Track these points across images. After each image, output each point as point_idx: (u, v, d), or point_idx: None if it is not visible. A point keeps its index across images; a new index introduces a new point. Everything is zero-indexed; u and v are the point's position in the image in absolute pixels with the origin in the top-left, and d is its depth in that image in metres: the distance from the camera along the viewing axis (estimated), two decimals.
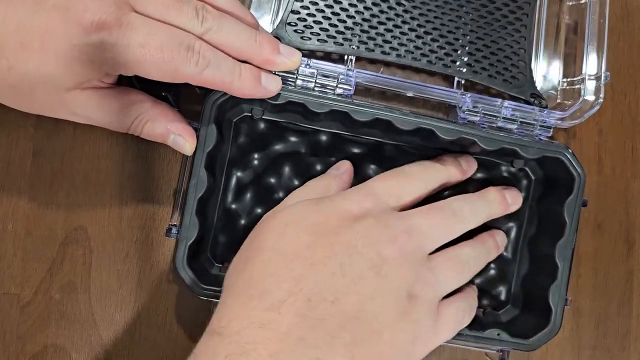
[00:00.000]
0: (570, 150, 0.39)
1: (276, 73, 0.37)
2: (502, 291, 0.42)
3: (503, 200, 0.39)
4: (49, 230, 0.40)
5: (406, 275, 0.33)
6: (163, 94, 0.40)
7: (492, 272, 0.42)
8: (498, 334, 0.38)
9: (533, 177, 0.42)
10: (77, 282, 0.40)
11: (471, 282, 0.41)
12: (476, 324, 0.38)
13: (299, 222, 0.34)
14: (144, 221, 0.40)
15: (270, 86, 0.36)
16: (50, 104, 0.34)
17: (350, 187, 0.39)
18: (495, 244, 0.39)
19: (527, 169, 0.42)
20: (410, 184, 0.37)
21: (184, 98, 0.41)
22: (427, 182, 0.38)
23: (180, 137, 0.36)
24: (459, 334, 0.37)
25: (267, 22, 0.41)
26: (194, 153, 0.36)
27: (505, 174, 0.42)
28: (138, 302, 0.40)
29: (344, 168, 0.40)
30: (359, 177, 0.41)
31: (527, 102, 0.41)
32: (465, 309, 0.37)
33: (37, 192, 0.40)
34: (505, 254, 0.42)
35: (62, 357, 0.39)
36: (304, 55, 0.38)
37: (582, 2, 0.42)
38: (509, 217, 0.41)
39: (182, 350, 0.40)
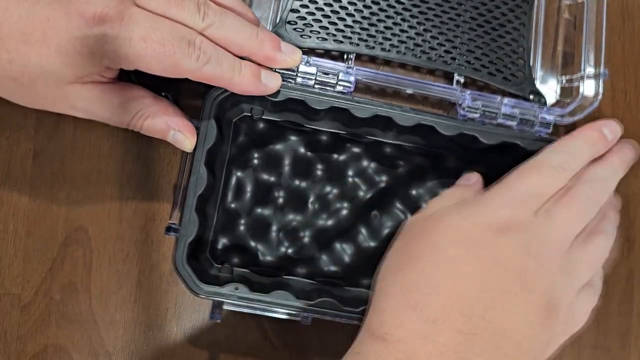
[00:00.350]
0: None
1: (276, 70, 0.37)
2: None
3: (624, 161, 0.39)
4: (49, 231, 0.40)
5: (547, 285, 0.34)
6: (162, 93, 0.40)
7: None
8: None
9: None
10: (78, 283, 0.40)
11: None
12: None
13: (448, 232, 0.34)
14: (144, 221, 0.40)
15: (270, 83, 0.36)
16: (50, 97, 0.34)
17: None
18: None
19: None
20: (552, 179, 0.36)
21: (183, 97, 0.41)
22: (571, 171, 0.36)
23: (180, 134, 0.36)
24: None
25: (267, 21, 0.41)
26: (194, 150, 0.37)
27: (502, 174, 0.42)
28: (138, 303, 0.40)
29: (475, 179, 0.40)
30: (359, 176, 0.41)
31: (526, 100, 0.41)
32: (597, 286, 0.37)
33: (37, 193, 0.40)
34: None
35: (62, 357, 0.40)
36: (304, 53, 0.38)
37: (580, 0, 0.42)
38: None
39: (182, 350, 0.40)
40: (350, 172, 0.41)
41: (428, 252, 0.34)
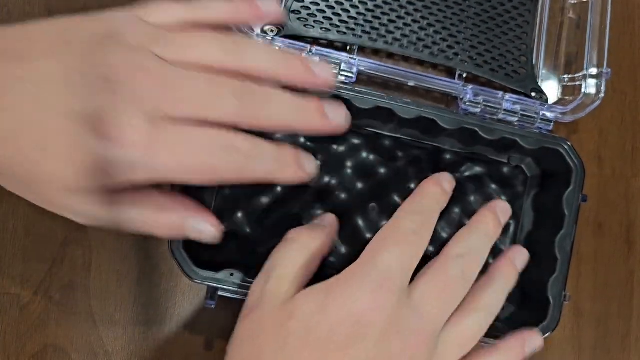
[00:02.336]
0: (569, 143, 0.39)
1: None
2: None
3: (498, 224, 0.37)
4: (49, 231, 0.40)
5: None
6: None
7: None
8: (496, 329, 0.38)
9: (529, 175, 0.42)
10: (77, 282, 0.40)
11: None
12: None
13: (303, 335, 0.31)
14: None
15: (309, 167, 0.33)
16: (50, 200, 0.30)
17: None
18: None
19: (523, 166, 0.42)
20: (414, 249, 0.33)
21: None
22: (427, 238, 0.34)
23: (203, 222, 0.33)
24: None
25: None
26: None
27: (501, 172, 0.42)
28: (137, 302, 0.40)
29: (329, 221, 0.38)
30: (358, 169, 0.41)
31: (528, 97, 0.41)
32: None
33: None
34: (503, 249, 0.42)
35: (61, 357, 0.40)
36: (307, 42, 0.38)
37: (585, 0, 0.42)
38: None
39: (182, 350, 0.40)
40: (349, 164, 0.41)
41: (275, 354, 0.30)
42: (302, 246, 0.35)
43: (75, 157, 0.28)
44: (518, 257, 0.37)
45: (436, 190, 0.36)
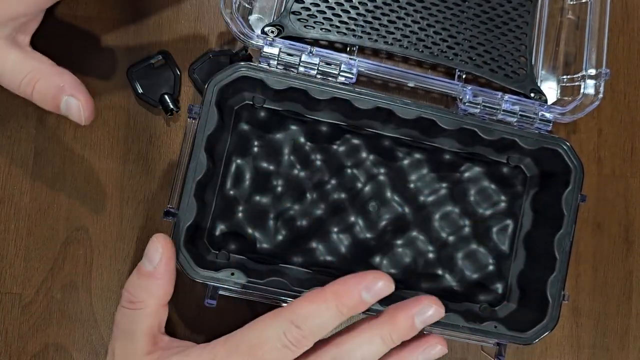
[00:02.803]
0: (568, 143, 0.39)
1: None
2: (498, 287, 0.42)
3: (406, 330, 0.33)
4: (50, 230, 0.40)
5: None
6: (163, 93, 0.40)
7: (489, 267, 0.42)
8: (495, 327, 0.38)
9: (528, 175, 0.42)
10: (79, 282, 0.40)
11: (469, 277, 0.41)
12: (473, 318, 0.38)
13: None
14: (145, 221, 0.41)
15: None
16: None
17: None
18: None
19: (522, 166, 0.42)
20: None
21: (184, 98, 0.41)
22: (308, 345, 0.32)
23: (74, 100, 0.33)
24: (455, 326, 0.37)
25: (271, 11, 0.41)
26: (194, 135, 0.36)
27: (500, 172, 0.42)
28: None
29: (158, 257, 0.34)
30: (358, 168, 0.41)
31: (527, 97, 0.41)
32: None
33: (38, 193, 0.40)
34: (503, 249, 0.42)
35: (63, 356, 0.40)
36: (307, 43, 0.38)
37: (584, 0, 0.42)
38: (506, 214, 0.42)
39: None
40: (349, 163, 0.41)
41: None
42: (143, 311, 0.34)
43: None
44: (421, 352, 0.34)
45: (345, 302, 0.32)
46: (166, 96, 0.40)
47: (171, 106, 0.40)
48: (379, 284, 0.31)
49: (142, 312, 0.33)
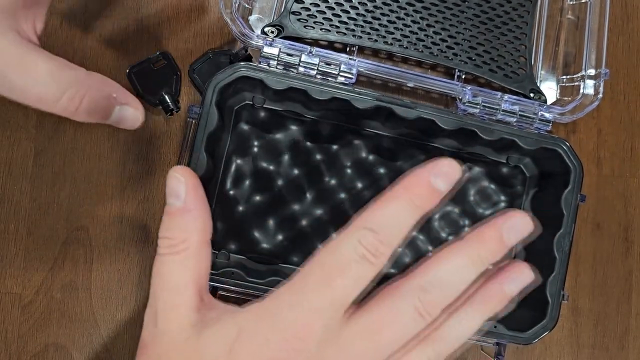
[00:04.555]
0: (567, 143, 0.39)
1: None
2: None
3: (497, 248, 0.29)
4: (50, 230, 0.40)
5: None
6: (162, 93, 0.40)
7: (489, 268, 0.42)
8: (495, 326, 0.38)
9: (528, 175, 0.42)
10: (78, 282, 0.40)
11: None
12: None
13: None
14: (145, 221, 0.41)
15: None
16: None
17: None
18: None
19: (521, 166, 0.42)
20: (356, 280, 0.27)
21: (184, 98, 0.41)
22: (381, 262, 0.27)
23: (129, 107, 0.31)
24: None
25: (271, 11, 0.41)
26: (194, 135, 0.36)
27: (500, 172, 0.42)
28: (139, 302, 0.40)
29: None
30: (357, 168, 0.41)
31: (526, 97, 0.41)
32: None
33: (38, 193, 0.40)
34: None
35: (63, 356, 0.40)
36: (307, 43, 0.38)
37: (584, 0, 0.42)
38: None
39: None
40: (348, 163, 0.41)
41: None
42: (184, 258, 0.29)
43: None
44: (511, 281, 0.30)
45: (417, 192, 0.28)
46: (166, 96, 0.40)
47: (171, 106, 0.40)
48: (444, 167, 0.28)
49: (187, 254, 0.28)
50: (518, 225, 0.29)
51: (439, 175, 0.28)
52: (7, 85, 0.27)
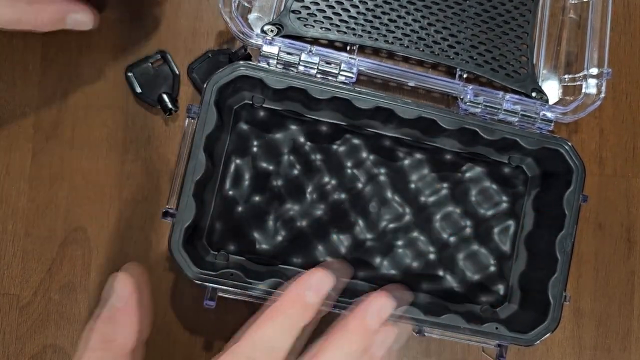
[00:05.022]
0: (569, 143, 0.39)
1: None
2: (499, 288, 0.42)
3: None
4: (48, 231, 0.40)
5: None
6: (162, 92, 0.40)
7: (490, 268, 0.42)
8: (496, 328, 0.38)
9: (529, 175, 0.42)
10: (77, 283, 0.40)
11: (470, 278, 0.41)
12: (474, 319, 0.38)
13: None
14: (143, 222, 0.40)
15: None
16: None
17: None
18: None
19: (523, 166, 0.42)
20: None
21: (182, 98, 0.41)
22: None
23: (77, 15, 0.36)
24: (456, 327, 0.37)
25: (271, 10, 0.40)
26: (193, 135, 0.36)
27: (502, 172, 0.42)
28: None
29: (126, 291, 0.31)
30: (358, 168, 0.41)
31: (528, 97, 0.41)
32: None
33: (36, 193, 0.40)
34: (504, 250, 0.42)
35: (61, 357, 0.40)
36: (307, 42, 0.38)
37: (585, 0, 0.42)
38: (507, 214, 0.42)
39: (181, 350, 0.40)
40: (349, 163, 0.41)
41: None
42: None
43: None
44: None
45: (291, 312, 0.31)
46: (165, 96, 0.40)
47: (170, 106, 0.40)
48: (315, 280, 0.31)
49: (115, 355, 0.30)
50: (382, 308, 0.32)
51: (311, 289, 0.31)
52: None
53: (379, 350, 0.32)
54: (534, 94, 0.41)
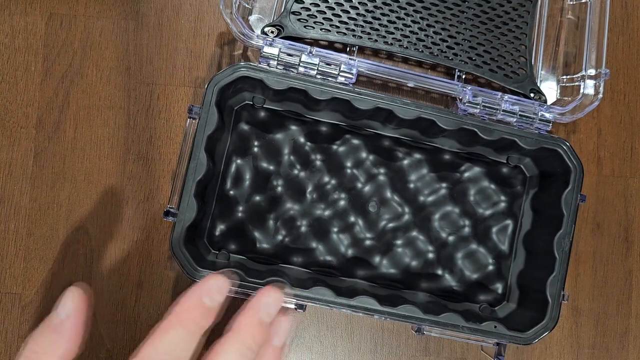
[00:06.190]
0: (567, 143, 0.39)
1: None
2: (498, 287, 0.42)
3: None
4: (50, 231, 0.40)
5: None
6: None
7: (489, 267, 0.42)
8: (495, 327, 0.38)
9: (528, 175, 0.42)
10: (78, 282, 0.40)
11: (469, 277, 0.42)
12: (473, 318, 0.38)
13: None
14: (145, 222, 0.41)
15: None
16: None
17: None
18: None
19: (522, 166, 0.42)
20: None
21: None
22: None
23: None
24: (455, 326, 0.37)
25: (271, 11, 0.41)
26: (195, 135, 0.36)
27: (500, 172, 0.42)
28: (138, 302, 0.40)
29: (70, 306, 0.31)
30: (358, 168, 0.41)
31: (526, 97, 0.41)
32: None
33: (38, 193, 0.40)
34: (502, 249, 0.42)
35: None
36: (307, 43, 0.38)
37: (584, 0, 0.42)
38: (505, 214, 0.42)
39: None
40: (349, 164, 0.41)
41: None
42: None
43: None
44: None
45: (190, 318, 0.30)
46: None
47: None
48: (211, 284, 0.31)
49: None
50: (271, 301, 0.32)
51: (210, 294, 0.30)
52: None
53: (278, 340, 0.32)
54: (532, 95, 0.41)
